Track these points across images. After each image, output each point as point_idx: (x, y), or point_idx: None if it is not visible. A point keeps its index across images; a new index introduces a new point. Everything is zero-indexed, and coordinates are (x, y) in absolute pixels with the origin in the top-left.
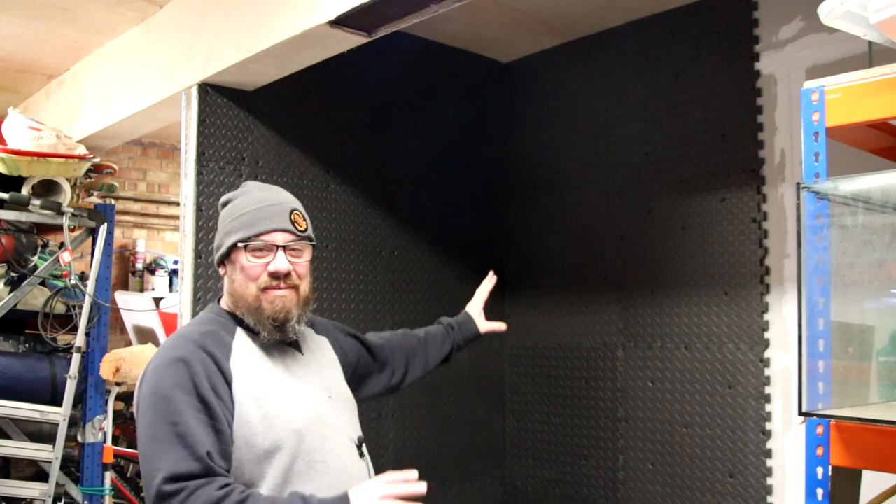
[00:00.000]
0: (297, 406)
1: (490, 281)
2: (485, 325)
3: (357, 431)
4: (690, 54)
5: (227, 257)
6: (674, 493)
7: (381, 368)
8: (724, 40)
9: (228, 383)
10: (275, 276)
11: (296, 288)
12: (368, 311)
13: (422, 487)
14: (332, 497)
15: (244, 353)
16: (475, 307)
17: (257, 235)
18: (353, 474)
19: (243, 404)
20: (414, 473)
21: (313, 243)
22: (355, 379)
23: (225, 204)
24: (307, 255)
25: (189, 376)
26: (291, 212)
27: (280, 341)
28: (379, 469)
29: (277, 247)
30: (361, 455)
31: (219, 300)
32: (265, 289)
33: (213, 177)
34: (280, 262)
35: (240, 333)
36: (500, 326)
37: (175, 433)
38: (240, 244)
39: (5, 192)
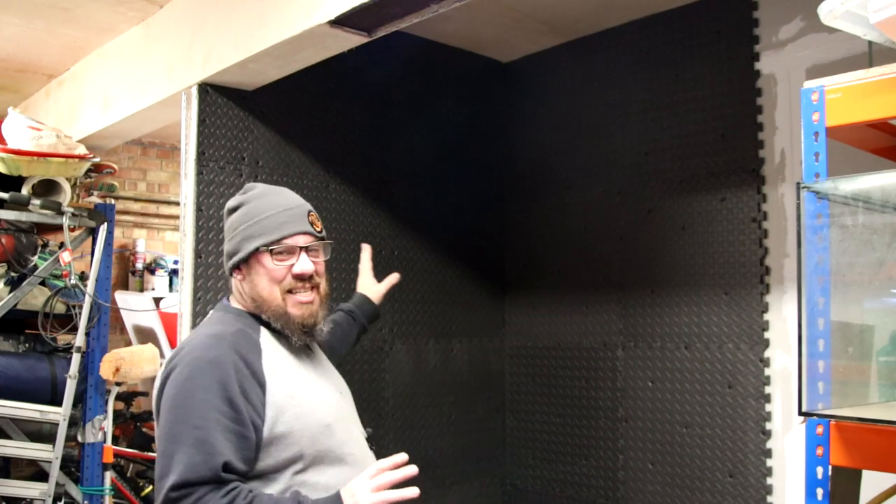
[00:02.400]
0: (325, 401)
1: (366, 251)
2: (379, 294)
3: (360, 425)
4: (690, 54)
5: (244, 262)
6: (674, 493)
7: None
8: (724, 40)
9: (262, 386)
10: (300, 277)
11: (317, 287)
12: None
13: (412, 469)
14: (325, 497)
15: (272, 352)
16: (366, 285)
17: (281, 239)
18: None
19: (279, 405)
20: (403, 457)
21: (330, 242)
22: None
23: (234, 209)
24: (325, 255)
25: (220, 379)
26: (308, 213)
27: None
28: None
29: (300, 249)
30: (371, 447)
31: (226, 299)
32: (290, 290)
33: (213, 177)
34: (305, 264)
35: (264, 332)
36: (391, 280)
37: (195, 437)
38: (263, 248)
39: (5, 192)
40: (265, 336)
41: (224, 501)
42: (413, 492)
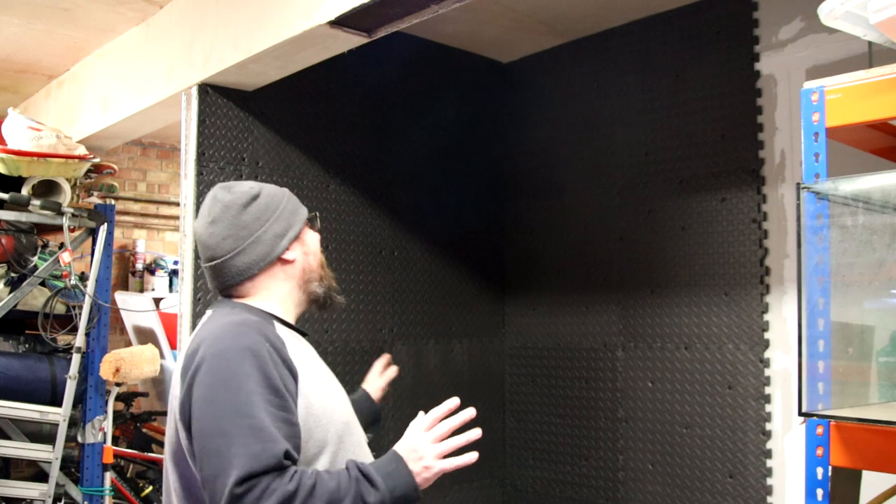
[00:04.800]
0: (342, 397)
1: (383, 359)
2: (379, 388)
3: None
4: (690, 54)
5: (297, 238)
6: (674, 493)
7: None
8: (724, 40)
9: (294, 375)
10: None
11: None
12: (368, 311)
13: (469, 412)
14: (383, 459)
15: (293, 343)
16: (369, 381)
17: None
18: None
19: (308, 396)
20: (455, 401)
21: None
22: None
23: (256, 196)
24: None
25: (259, 366)
26: None
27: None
28: None
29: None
30: (373, 453)
31: (226, 298)
32: None
33: (213, 177)
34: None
35: (278, 325)
36: (389, 374)
37: (248, 426)
38: (310, 215)
39: (5, 192)
40: (280, 329)
41: (291, 486)
42: (475, 433)
